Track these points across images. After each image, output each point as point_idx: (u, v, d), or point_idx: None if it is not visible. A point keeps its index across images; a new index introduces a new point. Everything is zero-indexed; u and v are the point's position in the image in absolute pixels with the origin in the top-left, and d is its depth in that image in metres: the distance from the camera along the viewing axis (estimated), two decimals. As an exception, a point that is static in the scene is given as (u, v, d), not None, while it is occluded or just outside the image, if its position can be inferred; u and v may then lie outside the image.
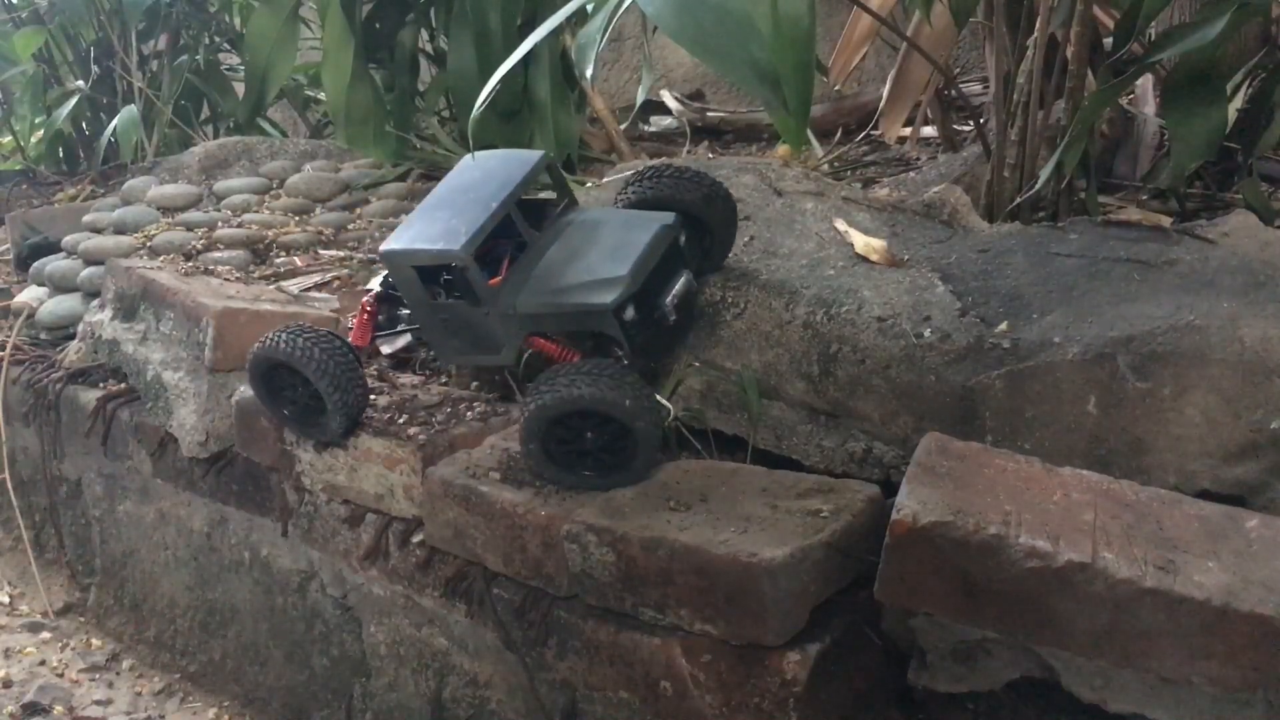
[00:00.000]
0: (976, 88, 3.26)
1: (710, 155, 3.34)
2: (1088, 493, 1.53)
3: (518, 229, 1.84)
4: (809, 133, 2.89)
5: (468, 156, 1.96)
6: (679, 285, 1.82)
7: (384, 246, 1.81)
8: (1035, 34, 2.13)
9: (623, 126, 3.54)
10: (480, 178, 1.87)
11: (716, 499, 1.67)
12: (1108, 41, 2.35)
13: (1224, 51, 2.10)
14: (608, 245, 1.81)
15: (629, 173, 2.06)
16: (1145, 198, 2.29)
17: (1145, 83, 2.57)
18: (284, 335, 1.90)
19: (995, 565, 1.43)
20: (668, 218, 1.85)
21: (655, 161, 2.27)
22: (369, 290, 2.02)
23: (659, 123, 3.86)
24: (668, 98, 3.88)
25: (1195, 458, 1.60)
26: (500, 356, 1.85)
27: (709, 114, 3.77)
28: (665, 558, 1.58)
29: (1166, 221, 1.97)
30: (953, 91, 2.83)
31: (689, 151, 3.49)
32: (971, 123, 2.62)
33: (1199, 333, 1.64)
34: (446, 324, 1.85)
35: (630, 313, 1.74)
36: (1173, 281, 1.77)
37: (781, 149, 3.12)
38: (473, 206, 1.80)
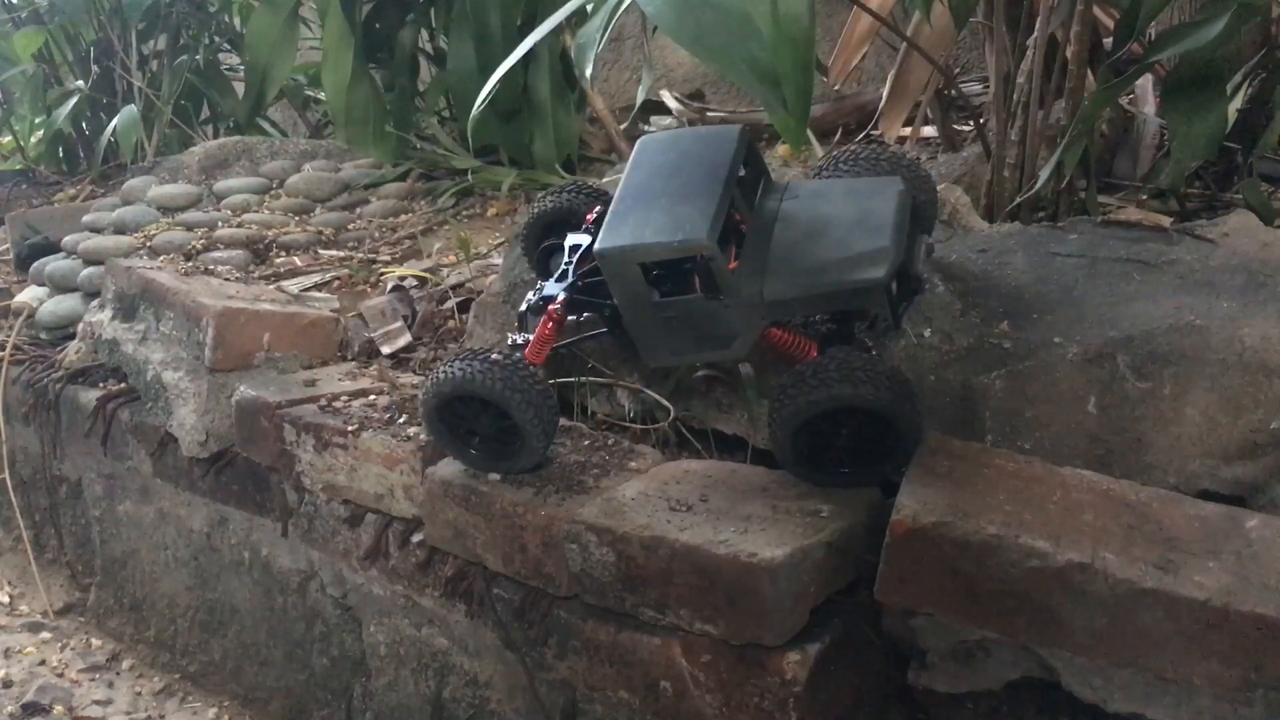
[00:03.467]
0: (976, 87, 3.26)
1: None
2: (1088, 493, 1.53)
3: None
4: (809, 132, 2.90)
5: (647, 139, 1.79)
6: (924, 250, 1.70)
7: (602, 245, 1.62)
8: (1035, 34, 2.13)
9: (623, 126, 3.54)
10: (680, 160, 1.70)
11: (716, 499, 1.67)
12: (1108, 41, 2.35)
13: (1224, 51, 2.10)
14: (850, 216, 1.66)
15: (829, 154, 1.93)
16: (1145, 198, 2.29)
17: (1145, 83, 2.57)
18: (472, 366, 1.70)
19: (995, 565, 1.44)
20: (898, 181, 1.72)
21: (851, 145, 2.07)
22: (548, 298, 1.80)
23: (659, 123, 3.86)
24: (668, 98, 3.88)
25: (1195, 458, 1.60)
26: (731, 351, 1.69)
27: (709, 114, 3.77)
28: (665, 558, 1.58)
29: (1166, 221, 1.97)
30: (952, 91, 2.83)
31: (689, 151, 3.48)
32: (971, 122, 2.62)
33: (1199, 333, 1.64)
34: (669, 323, 1.67)
35: (894, 285, 1.62)
36: (1173, 281, 1.77)
37: (782, 149, 3.13)
38: (695, 192, 1.62)
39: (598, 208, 1.89)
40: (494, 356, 1.71)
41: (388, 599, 2.04)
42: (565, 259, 1.85)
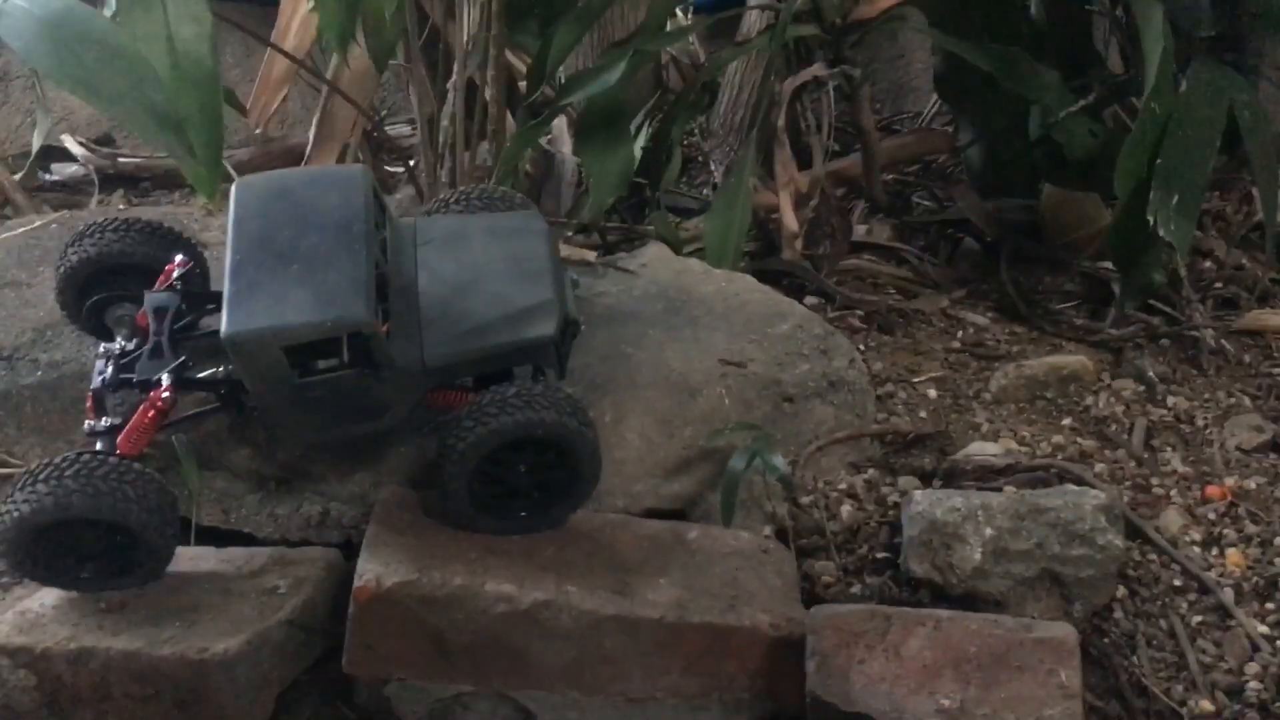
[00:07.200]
0: (406, 129, 3.27)
1: (123, 205, 3.05)
2: (547, 527, 1.55)
3: None
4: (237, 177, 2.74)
5: (245, 185, 1.52)
6: (574, 290, 1.63)
7: (233, 329, 1.37)
8: (454, 77, 2.16)
9: (18, 176, 3.14)
10: (299, 213, 1.46)
11: (153, 591, 1.49)
12: (523, 85, 2.45)
13: (625, 94, 2.26)
14: (502, 263, 1.56)
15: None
16: (571, 234, 2.41)
17: (561, 124, 2.71)
18: (64, 485, 1.38)
19: (465, 617, 1.41)
20: (538, 217, 1.63)
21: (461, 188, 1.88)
22: (150, 383, 1.50)
23: (63, 170, 3.47)
24: (70, 143, 3.50)
25: (638, 478, 1.68)
26: (384, 422, 1.53)
27: (121, 160, 3.45)
28: (99, 670, 1.38)
29: (592, 255, 2.07)
30: (380, 134, 2.82)
31: (101, 201, 3.17)
32: (403, 165, 2.62)
33: (631, 360, 1.73)
34: (312, 402, 1.46)
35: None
36: (603, 313, 1.86)
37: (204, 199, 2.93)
38: (333, 256, 1.41)
39: (179, 255, 1.63)
40: (87, 465, 1.40)
41: None
42: (153, 328, 1.54)
